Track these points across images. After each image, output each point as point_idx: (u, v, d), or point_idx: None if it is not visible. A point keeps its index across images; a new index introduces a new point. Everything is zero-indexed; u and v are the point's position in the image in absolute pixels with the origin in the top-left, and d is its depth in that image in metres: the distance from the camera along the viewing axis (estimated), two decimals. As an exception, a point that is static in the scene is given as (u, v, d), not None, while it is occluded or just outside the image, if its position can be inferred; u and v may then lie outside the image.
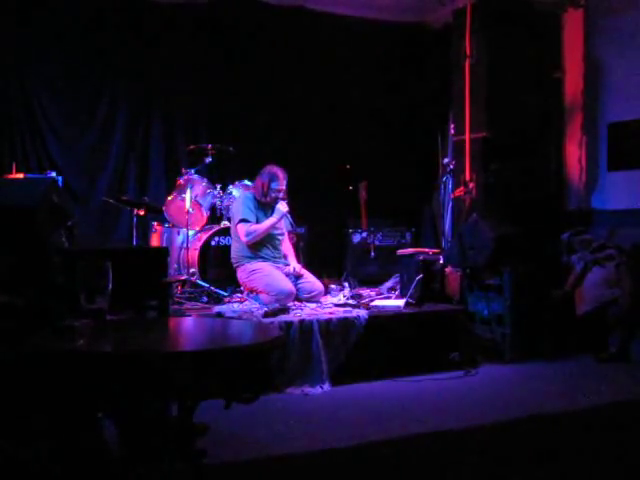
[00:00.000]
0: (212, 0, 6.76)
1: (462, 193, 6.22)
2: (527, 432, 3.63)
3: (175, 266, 5.72)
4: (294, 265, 5.29)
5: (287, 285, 5.01)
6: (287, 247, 5.46)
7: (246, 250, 5.14)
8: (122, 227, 6.39)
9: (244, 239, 5.08)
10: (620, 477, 3.03)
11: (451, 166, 5.92)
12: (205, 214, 5.86)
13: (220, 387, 2.28)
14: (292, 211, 5.26)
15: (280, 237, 5.33)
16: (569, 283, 5.43)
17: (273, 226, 5.15)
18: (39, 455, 2.38)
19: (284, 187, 5.18)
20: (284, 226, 5.34)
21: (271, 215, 5.15)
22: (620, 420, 3.84)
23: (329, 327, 4.55)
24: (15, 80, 6.18)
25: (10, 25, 6.04)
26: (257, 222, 5.12)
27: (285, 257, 5.37)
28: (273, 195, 5.15)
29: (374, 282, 6.00)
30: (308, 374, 4.41)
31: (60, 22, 6.18)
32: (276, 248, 5.27)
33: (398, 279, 5.62)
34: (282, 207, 5.13)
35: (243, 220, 5.09)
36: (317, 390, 4.35)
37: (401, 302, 5.09)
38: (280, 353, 4.30)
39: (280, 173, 5.17)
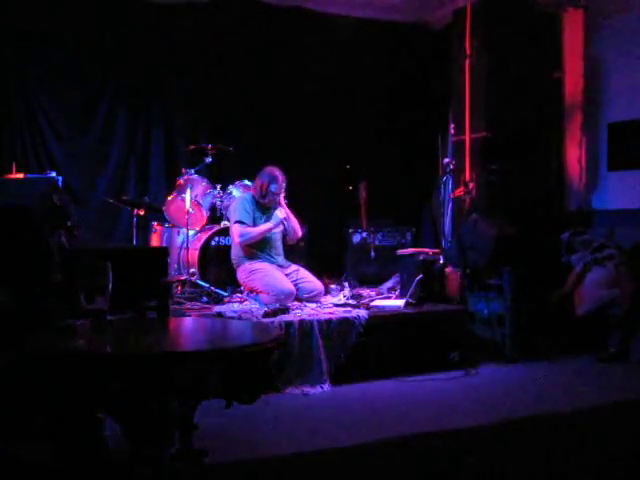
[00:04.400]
0: (212, 0, 6.76)
1: (462, 193, 6.22)
2: (527, 432, 3.63)
3: (175, 266, 5.73)
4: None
5: (287, 285, 5.01)
6: None
7: (246, 250, 5.14)
8: (122, 227, 6.38)
9: (237, 240, 5.11)
10: (620, 477, 3.03)
11: (451, 166, 5.92)
12: (205, 214, 5.86)
13: (220, 387, 2.28)
14: (292, 211, 5.26)
15: (280, 237, 5.32)
16: (569, 283, 5.43)
17: (268, 231, 5.15)
18: (39, 455, 2.38)
19: (282, 191, 5.18)
20: (285, 229, 5.32)
21: (270, 217, 5.15)
22: (620, 420, 3.84)
23: (329, 327, 4.55)
24: (15, 80, 6.18)
25: (10, 25, 6.03)
26: (254, 223, 5.13)
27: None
28: (271, 197, 5.15)
29: (374, 282, 5.99)
30: (308, 374, 4.41)
31: (60, 22, 6.17)
32: (276, 248, 5.26)
33: (398, 279, 5.62)
34: (280, 213, 5.13)
35: (238, 222, 5.10)
36: (317, 390, 4.36)
37: (401, 302, 5.09)
38: (280, 353, 4.30)
39: (280, 176, 5.17)
